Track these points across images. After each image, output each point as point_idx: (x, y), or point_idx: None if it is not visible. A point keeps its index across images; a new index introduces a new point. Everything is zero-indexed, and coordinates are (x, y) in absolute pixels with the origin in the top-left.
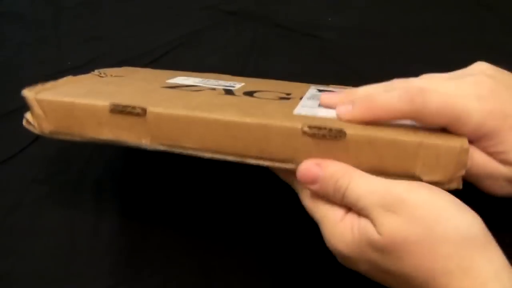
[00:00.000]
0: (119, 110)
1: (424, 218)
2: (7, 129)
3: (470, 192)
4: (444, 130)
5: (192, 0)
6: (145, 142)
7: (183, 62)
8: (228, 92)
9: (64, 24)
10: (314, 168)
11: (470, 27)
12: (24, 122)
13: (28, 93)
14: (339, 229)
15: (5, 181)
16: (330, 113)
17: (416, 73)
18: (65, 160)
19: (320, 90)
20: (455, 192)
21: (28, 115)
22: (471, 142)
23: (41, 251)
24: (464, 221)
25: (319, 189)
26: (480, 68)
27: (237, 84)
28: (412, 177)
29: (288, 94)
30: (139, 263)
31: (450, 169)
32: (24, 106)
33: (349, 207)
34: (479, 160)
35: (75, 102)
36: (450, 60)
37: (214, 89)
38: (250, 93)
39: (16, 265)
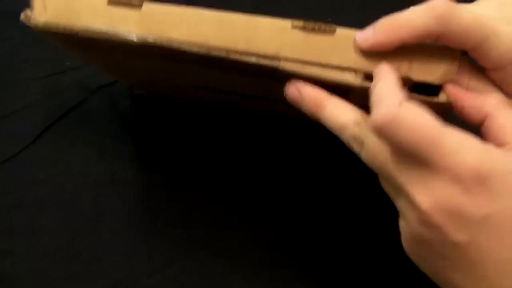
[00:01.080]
0: (116, 1)
1: None
2: (7, 129)
3: None
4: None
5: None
6: (135, 32)
7: None
8: None
9: None
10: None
11: None
12: (22, 16)
13: None
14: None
15: (4, 182)
16: None
17: None
18: (65, 160)
19: None
20: None
21: (27, 10)
22: (498, 69)
23: (41, 251)
24: None
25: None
26: None
27: None
28: (403, 77)
29: None
30: (139, 263)
31: (440, 71)
32: (24, 107)
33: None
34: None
35: None
36: None
37: None
38: None
39: (16, 265)
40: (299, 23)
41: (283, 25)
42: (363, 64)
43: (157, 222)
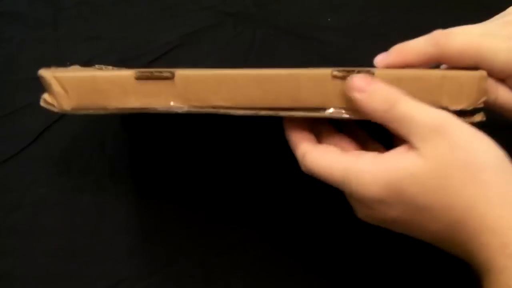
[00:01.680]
0: (146, 76)
1: (468, 144)
2: (7, 129)
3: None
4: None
5: (191, 0)
6: (174, 104)
7: (182, 62)
8: None
9: (63, 24)
10: (367, 78)
11: None
12: (41, 103)
13: (45, 72)
14: (370, 173)
15: (5, 181)
16: None
17: None
18: (65, 160)
19: None
20: None
21: (45, 96)
22: (499, 80)
23: (41, 251)
24: (501, 151)
25: (366, 98)
26: None
27: None
28: (440, 108)
29: None
30: (139, 262)
31: (472, 96)
32: (24, 107)
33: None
34: (505, 95)
35: (97, 75)
36: None
37: None
38: None
39: (16, 265)
40: (339, 73)
41: (323, 76)
42: None
43: (157, 222)
